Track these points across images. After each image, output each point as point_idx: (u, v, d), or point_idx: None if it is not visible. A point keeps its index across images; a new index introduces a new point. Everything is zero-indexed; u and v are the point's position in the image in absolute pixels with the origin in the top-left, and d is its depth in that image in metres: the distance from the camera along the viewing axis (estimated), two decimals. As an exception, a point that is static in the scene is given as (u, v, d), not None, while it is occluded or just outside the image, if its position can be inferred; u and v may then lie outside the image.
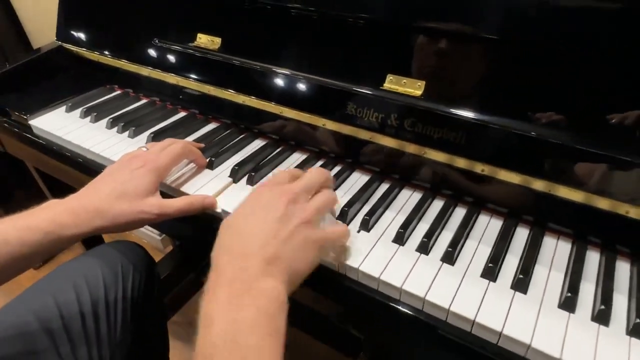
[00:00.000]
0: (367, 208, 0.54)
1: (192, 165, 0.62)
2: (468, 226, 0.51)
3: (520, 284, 0.44)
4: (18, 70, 0.83)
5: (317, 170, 0.50)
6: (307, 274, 0.43)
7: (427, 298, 0.42)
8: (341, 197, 0.56)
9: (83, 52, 0.83)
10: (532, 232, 0.50)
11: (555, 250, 0.49)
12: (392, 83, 0.54)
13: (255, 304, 0.37)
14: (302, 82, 0.61)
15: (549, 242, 0.50)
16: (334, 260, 0.47)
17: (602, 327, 0.41)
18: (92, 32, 0.83)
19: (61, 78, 0.87)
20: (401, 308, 0.44)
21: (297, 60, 0.61)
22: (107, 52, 0.80)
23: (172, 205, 0.53)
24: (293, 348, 0.45)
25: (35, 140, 0.74)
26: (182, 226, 0.66)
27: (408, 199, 0.56)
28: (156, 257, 1.39)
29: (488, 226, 0.52)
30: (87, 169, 0.68)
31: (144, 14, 0.77)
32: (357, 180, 0.59)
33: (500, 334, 0.40)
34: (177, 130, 0.70)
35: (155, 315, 0.77)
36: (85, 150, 0.67)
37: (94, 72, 0.84)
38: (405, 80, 0.53)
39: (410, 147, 0.54)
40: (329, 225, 0.46)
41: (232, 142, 0.67)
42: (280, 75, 0.63)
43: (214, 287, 0.39)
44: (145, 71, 0.76)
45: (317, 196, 0.47)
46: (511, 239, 0.50)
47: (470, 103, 0.50)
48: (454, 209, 0.54)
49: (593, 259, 0.48)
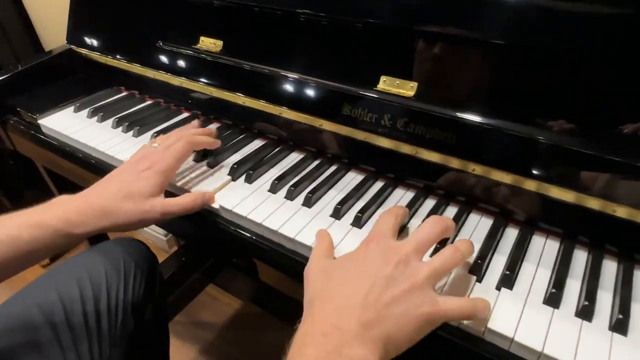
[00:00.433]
0: (360, 204, 0.55)
1: (191, 164, 0.64)
2: (458, 224, 0.52)
3: (507, 280, 0.45)
4: (29, 72, 0.86)
5: (432, 222, 0.44)
6: (405, 348, 0.38)
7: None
8: (335, 196, 0.57)
9: (91, 54, 0.86)
10: (521, 231, 0.51)
11: (543, 249, 0.49)
12: (386, 84, 0.56)
13: None
14: (300, 83, 0.63)
15: (537, 241, 0.50)
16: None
17: (585, 322, 0.41)
18: (100, 36, 0.86)
19: (70, 79, 0.90)
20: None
21: (294, 63, 0.63)
22: (113, 55, 0.83)
23: (176, 203, 0.54)
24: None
25: (43, 139, 0.77)
26: (188, 227, 0.68)
27: (401, 197, 0.57)
28: (161, 258, 1.42)
29: (478, 225, 0.53)
30: (93, 167, 0.70)
31: (149, 19, 0.79)
32: (352, 179, 0.61)
33: (485, 329, 0.41)
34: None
35: (157, 312, 0.79)
36: (90, 148, 0.70)
37: (101, 74, 0.87)
38: (398, 82, 0.55)
39: (404, 147, 0.55)
40: (452, 297, 0.40)
41: (232, 142, 0.69)
42: (279, 77, 0.64)
43: (304, 336, 0.37)
44: (150, 73, 0.78)
45: (436, 256, 0.42)
46: (500, 237, 0.51)
47: (461, 104, 0.52)
48: (445, 208, 0.55)
49: (580, 257, 0.48)
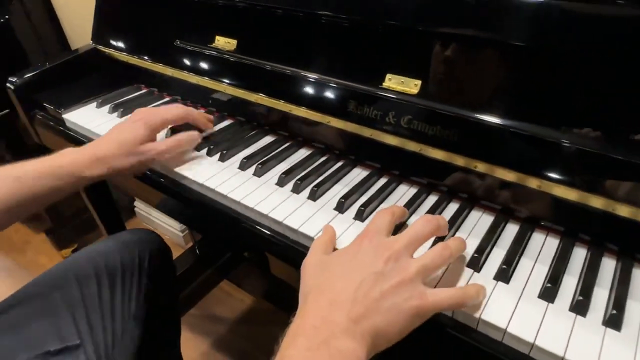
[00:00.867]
0: (363, 199, 0.56)
1: (201, 154, 0.67)
2: (458, 220, 0.53)
3: (503, 274, 0.45)
4: (56, 69, 0.91)
5: (424, 221, 0.45)
6: (395, 340, 0.39)
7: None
8: (340, 190, 0.59)
9: (114, 53, 0.90)
10: (522, 227, 0.52)
11: (543, 245, 0.50)
12: (391, 82, 0.57)
13: None
14: (308, 81, 0.64)
15: (537, 238, 0.51)
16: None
17: (579, 317, 0.42)
18: (122, 36, 0.89)
19: (94, 77, 0.94)
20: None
21: (303, 61, 0.65)
22: (134, 54, 0.86)
23: (165, 144, 0.64)
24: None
25: (67, 133, 0.81)
26: (200, 217, 0.71)
27: (404, 193, 0.58)
28: (177, 252, 1.46)
29: (479, 220, 0.54)
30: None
31: (168, 20, 0.83)
32: (357, 175, 0.62)
33: (479, 320, 0.42)
34: (193, 126, 0.75)
35: (169, 301, 0.82)
36: (110, 141, 0.73)
37: (123, 72, 0.91)
38: (403, 80, 0.56)
39: (408, 144, 0.57)
40: (441, 288, 0.42)
41: (244, 138, 0.71)
42: (289, 75, 0.66)
43: (296, 328, 0.39)
44: (168, 71, 0.81)
45: (426, 252, 0.43)
46: (500, 233, 0.52)
47: (463, 102, 0.53)
48: (447, 204, 0.56)
49: (580, 254, 0.49)
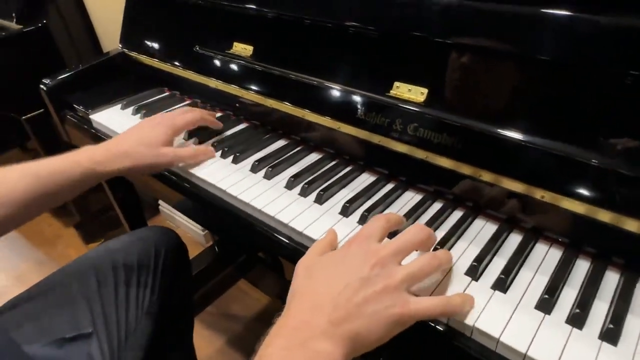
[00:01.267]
0: (368, 204, 0.57)
1: (218, 160, 0.70)
2: (461, 228, 0.53)
3: (501, 283, 0.46)
4: (85, 72, 0.95)
5: (415, 230, 0.45)
6: (375, 346, 0.40)
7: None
8: (347, 195, 0.60)
9: (140, 57, 0.94)
10: (525, 238, 0.52)
11: (545, 256, 0.50)
12: (398, 90, 0.58)
13: None
14: (320, 88, 0.66)
15: (540, 248, 0.51)
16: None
17: (575, 329, 0.41)
18: (148, 41, 0.93)
19: (121, 79, 0.99)
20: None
21: (316, 68, 0.67)
22: (159, 58, 0.90)
23: (184, 152, 0.67)
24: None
25: (93, 133, 0.85)
26: (213, 218, 0.73)
27: (409, 199, 0.59)
28: (197, 251, 1.49)
29: (483, 229, 0.54)
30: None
31: (190, 26, 0.86)
32: (365, 180, 0.63)
33: (473, 328, 0.42)
34: (210, 128, 0.77)
35: (183, 296, 0.84)
36: (131, 141, 0.76)
37: (148, 75, 0.95)
38: (410, 88, 0.57)
39: (415, 152, 0.57)
40: (425, 297, 0.42)
41: (257, 141, 0.73)
42: (301, 82, 0.68)
43: (277, 331, 0.39)
44: (189, 75, 0.84)
45: (413, 260, 0.43)
46: (503, 242, 0.52)
47: (468, 112, 0.53)
48: (452, 212, 0.57)
49: (582, 267, 0.48)
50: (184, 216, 1.67)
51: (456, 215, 0.56)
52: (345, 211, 0.57)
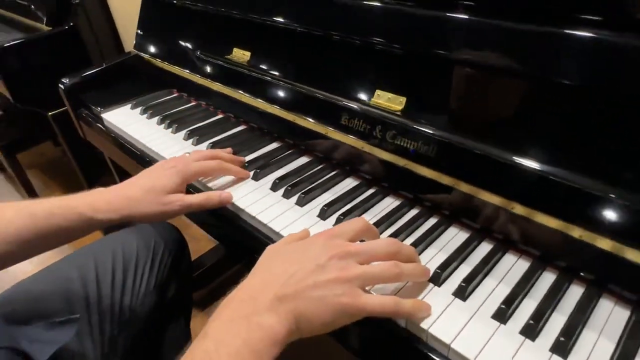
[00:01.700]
0: (346, 208, 0.59)
1: None
2: (432, 235, 0.54)
3: (461, 291, 0.46)
4: (101, 73, 1.01)
5: (387, 242, 0.46)
6: (319, 331, 0.41)
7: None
8: (328, 198, 0.62)
9: (152, 60, 0.98)
10: (494, 247, 0.52)
11: (512, 267, 0.50)
12: (379, 98, 0.59)
13: (245, 336, 0.38)
14: (308, 94, 0.68)
15: (508, 259, 0.51)
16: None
17: (527, 340, 0.42)
18: (159, 44, 0.98)
19: (135, 80, 1.03)
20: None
21: (304, 75, 0.69)
22: (168, 61, 0.94)
23: (193, 199, 0.61)
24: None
25: (104, 130, 0.90)
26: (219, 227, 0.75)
27: (387, 205, 0.60)
28: (208, 247, 1.53)
29: (454, 238, 0.54)
30: (138, 157, 0.81)
31: (195, 32, 0.90)
32: (348, 185, 0.65)
33: (427, 332, 0.43)
34: (210, 130, 0.81)
35: (180, 290, 0.88)
36: (134, 139, 0.81)
37: (160, 77, 0.99)
38: (390, 96, 0.58)
39: (390, 157, 0.58)
40: (378, 295, 0.43)
41: (251, 143, 0.76)
42: (292, 88, 0.70)
43: (226, 303, 0.41)
44: (194, 78, 0.88)
45: (375, 264, 0.44)
46: (472, 251, 0.52)
47: (442, 122, 0.54)
48: (427, 219, 0.57)
49: (548, 279, 0.48)
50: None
51: (430, 222, 0.57)
52: (323, 214, 0.58)
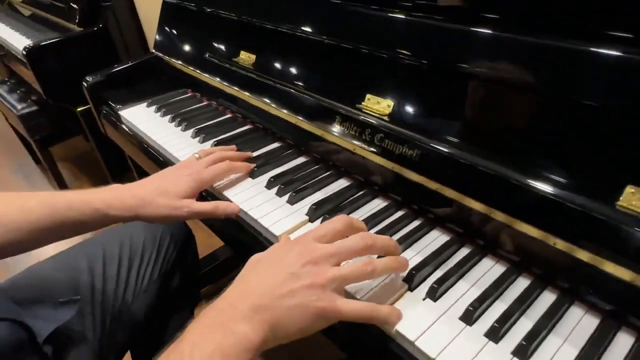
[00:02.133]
0: (333, 206, 0.61)
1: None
2: (413, 237, 0.55)
3: (432, 292, 0.48)
4: (122, 71, 1.06)
5: (359, 237, 0.47)
6: (296, 337, 0.43)
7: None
8: (319, 197, 0.64)
9: (169, 60, 1.03)
10: (472, 252, 0.53)
11: (488, 271, 0.51)
12: (369, 102, 0.61)
13: (219, 341, 0.39)
14: (306, 98, 0.70)
15: (485, 263, 0.52)
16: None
17: (490, 342, 0.43)
18: (176, 46, 1.02)
19: (153, 80, 1.09)
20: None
21: (302, 79, 0.72)
22: (183, 62, 0.98)
23: (202, 207, 0.63)
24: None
25: (121, 127, 0.95)
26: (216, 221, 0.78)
27: (375, 207, 0.62)
28: (220, 244, 1.56)
29: (434, 241, 0.55)
30: (149, 152, 0.86)
31: (207, 35, 0.93)
32: (341, 185, 0.67)
33: (395, 329, 0.45)
34: (217, 129, 0.84)
35: (184, 282, 0.91)
36: (146, 135, 0.85)
37: (176, 77, 1.04)
38: (379, 100, 0.60)
39: (386, 162, 0.60)
40: (354, 300, 0.44)
41: (255, 142, 0.79)
42: (293, 92, 0.73)
43: (206, 311, 0.42)
44: (206, 79, 0.92)
45: (349, 264, 0.45)
46: (451, 255, 0.53)
47: (424, 129, 0.55)
48: (411, 221, 0.59)
49: (521, 284, 0.49)
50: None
51: (414, 224, 0.58)
52: (312, 213, 0.60)
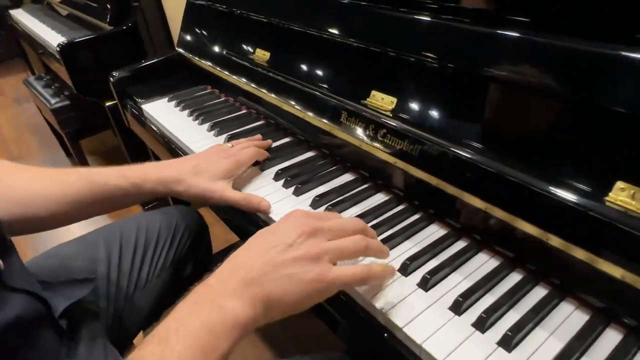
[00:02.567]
0: (337, 199, 0.63)
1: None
2: (412, 229, 0.56)
3: (424, 282, 0.49)
4: (147, 67, 1.11)
5: (356, 220, 0.49)
6: (291, 312, 0.42)
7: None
8: (323, 190, 0.66)
9: (191, 58, 1.07)
10: (468, 245, 0.54)
11: (482, 265, 0.51)
12: (374, 98, 0.62)
13: (205, 318, 0.39)
14: (314, 93, 0.72)
15: (480, 257, 0.53)
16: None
17: (477, 332, 0.44)
18: (197, 44, 1.07)
19: (176, 76, 1.13)
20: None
21: (310, 76, 0.74)
22: (204, 59, 1.02)
23: (233, 195, 0.63)
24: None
25: (143, 120, 1.00)
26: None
27: (378, 201, 0.63)
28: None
29: (432, 234, 0.56)
30: (167, 144, 0.89)
31: (225, 33, 0.97)
32: (346, 179, 0.68)
33: (384, 315, 0.46)
34: (232, 123, 0.88)
35: (196, 271, 0.95)
36: (165, 128, 0.89)
37: (197, 74, 1.08)
38: (383, 97, 0.61)
39: (388, 157, 0.61)
40: (347, 266, 0.44)
41: (267, 137, 0.81)
42: (303, 88, 0.75)
43: (196, 288, 0.42)
44: (224, 76, 0.95)
45: (342, 239, 0.45)
46: (446, 247, 0.54)
47: (428, 126, 0.57)
48: (411, 215, 0.60)
49: (514, 278, 0.49)
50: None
51: (413, 218, 0.59)
52: (315, 204, 0.62)
